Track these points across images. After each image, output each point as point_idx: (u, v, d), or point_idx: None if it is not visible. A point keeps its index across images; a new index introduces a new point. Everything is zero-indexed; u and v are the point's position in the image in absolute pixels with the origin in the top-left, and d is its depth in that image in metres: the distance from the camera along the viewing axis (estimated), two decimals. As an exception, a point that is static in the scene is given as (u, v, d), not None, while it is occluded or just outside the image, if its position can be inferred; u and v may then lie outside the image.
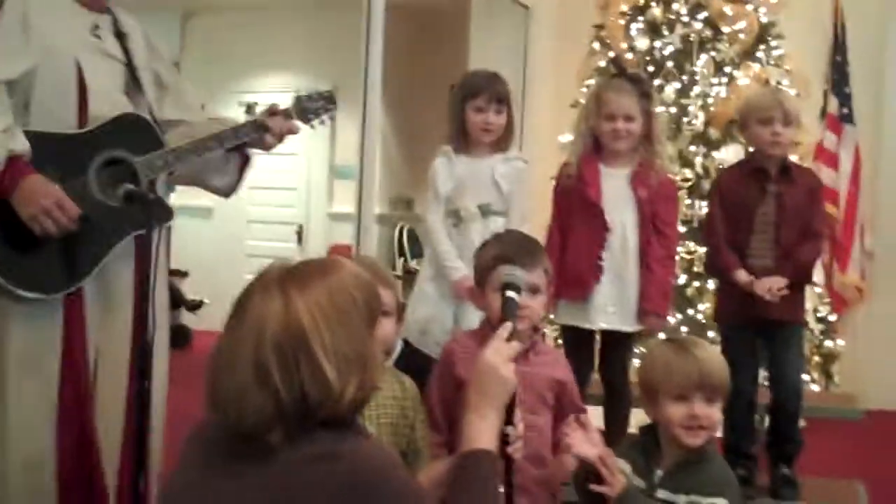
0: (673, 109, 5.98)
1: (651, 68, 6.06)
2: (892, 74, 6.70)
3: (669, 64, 6.09)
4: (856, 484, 3.63)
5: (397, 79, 7.40)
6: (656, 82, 5.94)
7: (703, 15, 6.08)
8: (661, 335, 5.17)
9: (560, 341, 4.07)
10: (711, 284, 5.78)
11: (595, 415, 3.73)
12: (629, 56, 6.16)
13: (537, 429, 2.61)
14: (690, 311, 5.74)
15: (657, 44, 6.15)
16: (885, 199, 6.50)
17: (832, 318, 6.05)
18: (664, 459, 2.33)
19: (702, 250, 5.79)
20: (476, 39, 7.26)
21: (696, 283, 5.81)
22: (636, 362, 4.86)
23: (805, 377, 3.91)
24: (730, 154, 5.95)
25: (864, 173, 6.37)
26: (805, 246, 3.56)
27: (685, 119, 6.00)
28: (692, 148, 5.99)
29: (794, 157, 4.06)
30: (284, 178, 9.41)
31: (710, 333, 5.65)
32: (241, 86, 9.50)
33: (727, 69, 6.06)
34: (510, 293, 2.13)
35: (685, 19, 6.10)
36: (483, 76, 3.75)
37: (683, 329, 5.65)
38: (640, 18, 6.22)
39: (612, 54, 6.18)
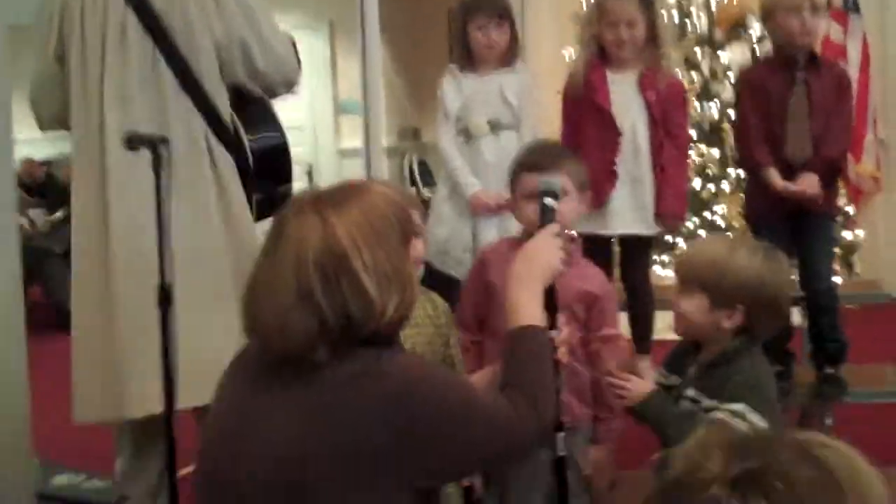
0: (675, 13, 5.92)
1: (650, -27, 5.98)
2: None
3: (669, -33, 6.01)
4: (885, 368, 3.66)
5: (395, 8, 7.33)
6: (657, -13, 5.87)
7: (702, -85, 5.98)
8: (679, 240, 5.24)
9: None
10: (727, 186, 5.79)
11: (620, 320, 3.78)
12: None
13: (577, 342, 2.60)
14: (707, 215, 5.74)
15: (655, -53, 6.06)
16: (893, 86, 6.44)
17: (850, 209, 6.02)
18: (700, 357, 2.33)
19: (714, 153, 5.80)
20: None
21: (711, 187, 5.80)
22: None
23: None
24: (736, 55, 5.91)
25: (873, 62, 6.29)
26: (831, 140, 3.46)
27: (688, 22, 5.94)
28: (697, 51, 5.93)
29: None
30: (290, 118, 9.32)
31: (729, 235, 5.67)
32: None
33: (727, -32, 5.98)
34: (547, 200, 2.14)
35: (685, -79, 6.00)
36: None
37: (701, 233, 5.66)
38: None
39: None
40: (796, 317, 3.56)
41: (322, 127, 9.31)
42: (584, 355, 2.69)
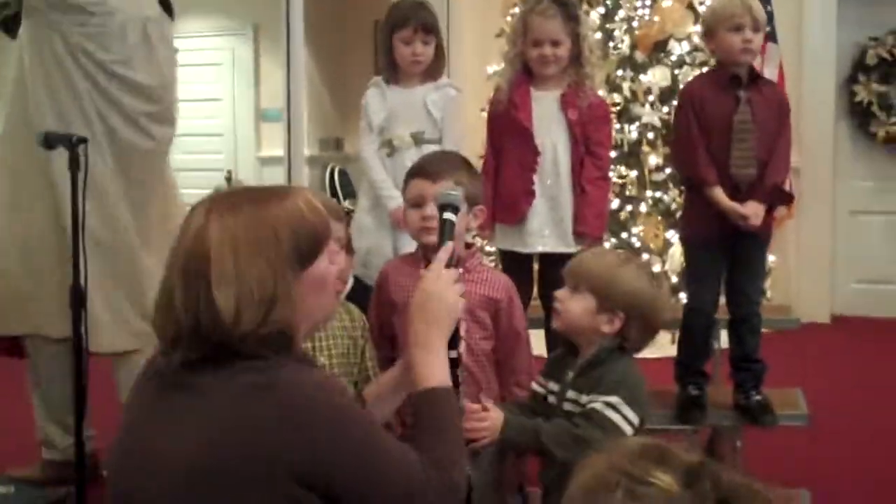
0: (598, 34, 5.97)
1: (575, -6, 6.04)
2: (812, -9, 6.79)
3: (593, -12, 6.08)
4: (795, 392, 3.72)
5: (319, 16, 7.30)
6: (582, 8, 5.92)
7: (624, -62, 6.06)
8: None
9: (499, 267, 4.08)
10: (644, 207, 5.87)
11: (537, 337, 3.79)
12: (553, -18, 6.12)
13: (472, 352, 2.62)
14: (624, 235, 5.81)
15: (580, -31, 6.13)
16: (807, 114, 6.61)
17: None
18: (577, 362, 2.43)
19: (633, 174, 5.87)
20: (398, -28, 7.16)
21: (629, 207, 5.87)
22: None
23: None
24: (657, 77, 6.00)
25: (788, 90, 6.44)
26: (776, 165, 3.44)
27: (611, 43, 6.01)
28: (619, 72, 6.01)
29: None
30: (210, 125, 9.28)
31: (645, 256, 5.75)
32: (160, 31, 9.28)
33: (650, -9, 6.07)
34: (447, 214, 2.05)
35: (607, -57, 6.08)
36: (409, 6, 3.70)
37: (618, 252, 5.72)
38: (563, -56, 6.18)
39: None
40: (720, 338, 3.60)
41: (243, 134, 9.20)
42: (492, 364, 2.69)
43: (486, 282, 2.71)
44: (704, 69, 5.87)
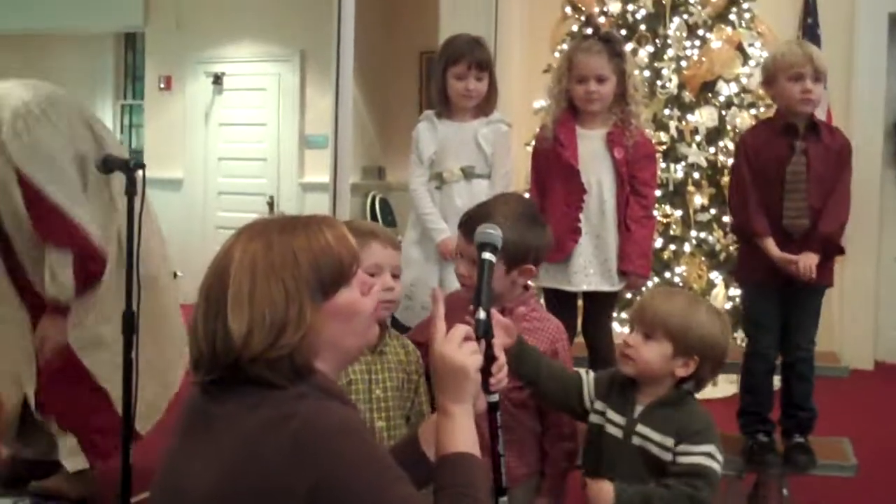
0: (647, 73, 5.98)
1: (624, 31, 6.05)
2: (862, 35, 6.76)
3: (642, 27, 6.08)
4: (843, 441, 3.67)
5: (367, 45, 7.34)
6: (629, 46, 5.93)
7: (675, -23, 6.07)
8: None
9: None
10: (688, 247, 5.83)
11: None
12: (602, 20, 6.14)
13: (514, 402, 2.56)
14: (667, 275, 5.77)
15: (630, 7, 6.13)
16: (855, 159, 6.52)
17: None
18: (642, 395, 2.41)
19: (678, 214, 5.84)
20: (446, 5, 7.20)
21: (673, 247, 5.84)
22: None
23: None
24: (703, 117, 5.97)
25: (836, 135, 6.40)
26: (829, 214, 3.39)
27: (659, 82, 6.00)
28: (666, 111, 5.99)
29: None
30: (254, 149, 9.35)
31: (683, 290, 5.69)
32: (208, 56, 9.40)
33: (700, 32, 6.06)
34: (485, 254, 1.94)
35: (657, -18, 6.09)
36: (464, 42, 3.72)
37: (660, 292, 5.68)
38: (613, -18, 6.20)
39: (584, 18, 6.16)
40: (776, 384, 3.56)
41: (286, 159, 9.25)
42: (530, 412, 2.65)
43: (533, 332, 2.63)
44: (752, 111, 5.87)
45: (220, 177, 9.48)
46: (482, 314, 1.83)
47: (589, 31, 5.78)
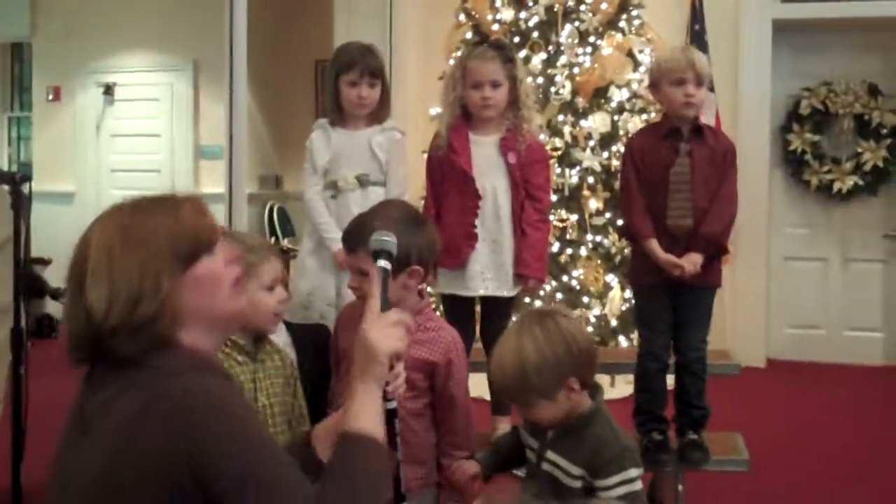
0: (540, 80, 6.05)
1: (517, 39, 6.12)
2: (747, 40, 6.95)
3: (535, 34, 6.16)
4: (735, 436, 3.75)
5: (261, 54, 7.29)
6: (522, 53, 6.00)
7: (566, -15, 6.15)
8: (538, 301, 5.30)
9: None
10: (584, 251, 5.91)
11: (478, 382, 3.77)
12: (495, 27, 6.20)
13: (409, 412, 2.56)
14: (564, 278, 5.84)
15: (522, 14, 6.21)
16: (742, 163, 6.66)
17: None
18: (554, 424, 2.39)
19: (573, 218, 5.92)
20: (340, 13, 7.20)
21: (569, 251, 5.91)
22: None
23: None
24: (597, 122, 6.07)
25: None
26: (714, 215, 3.46)
27: (552, 89, 6.08)
28: (560, 117, 6.07)
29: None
30: (148, 160, 9.18)
31: (585, 299, 5.78)
32: (98, 66, 9.19)
33: (591, 39, 6.16)
34: (381, 262, 1.98)
35: (549, -10, 6.16)
36: (356, 49, 3.70)
37: (559, 296, 5.75)
38: (505, -10, 6.26)
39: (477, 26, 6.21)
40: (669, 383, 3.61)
41: (181, 170, 9.10)
42: (425, 421, 2.65)
43: (427, 343, 2.63)
44: (644, 116, 5.99)
45: (112, 189, 9.26)
46: None
47: (477, 38, 5.82)
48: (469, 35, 6.25)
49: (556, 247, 5.81)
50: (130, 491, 1.51)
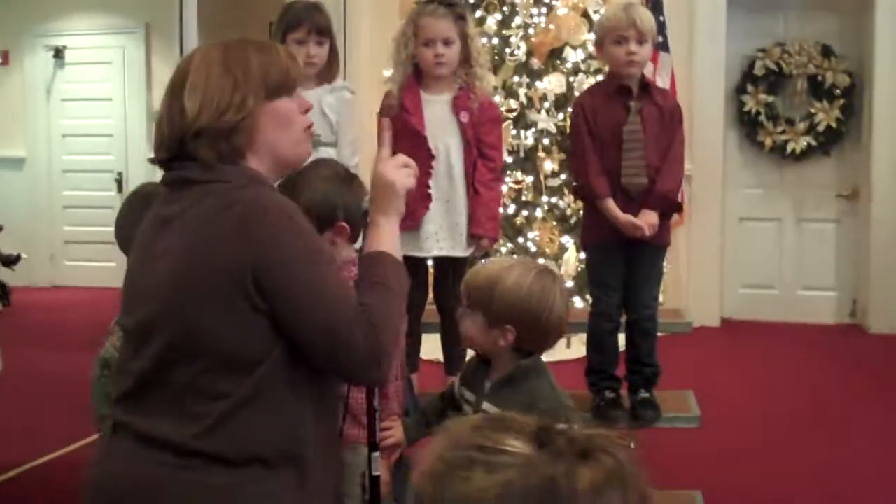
0: (495, 41, 6.02)
1: (472, -1, 6.08)
2: (702, 1, 6.95)
3: (490, -5, 6.12)
4: (687, 394, 3.78)
5: (213, 16, 7.17)
6: (478, 14, 5.96)
7: (520, -55, 6.11)
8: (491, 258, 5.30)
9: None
10: (539, 213, 5.92)
11: (432, 341, 3.77)
12: (449, -13, 6.14)
13: None
14: (520, 240, 5.85)
15: (477, -26, 6.16)
16: (697, 123, 6.74)
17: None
18: (492, 374, 2.39)
19: (529, 180, 5.92)
20: (293, -26, 7.09)
21: (525, 213, 5.91)
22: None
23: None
24: (552, 84, 6.06)
25: (679, 99, 6.55)
26: (667, 173, 3.46)
27: (507, 50, 6.05)
28: (515, 79, 6.05)
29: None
30: (100, 125, 9.05)
31: (540, 261, 5.78)
32: (47, 28, 9.04)
33: (546, -1, 6.13)
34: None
35: (503, -50, 6.12)
36: (302, 7, 3.66)
37: (514, 257, 5.75)
38: (459, -51, 6.20)
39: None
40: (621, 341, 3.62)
41: (134, 135, 8.98)
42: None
43: None
44: (599, 77, 5.98)
45: (64, 154, 9.15)
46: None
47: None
48: (423, -4, 6.18)
49: (511, 208, 5.81)
50: (201, 288, 1.76)
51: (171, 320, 1.79)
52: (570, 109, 5.92)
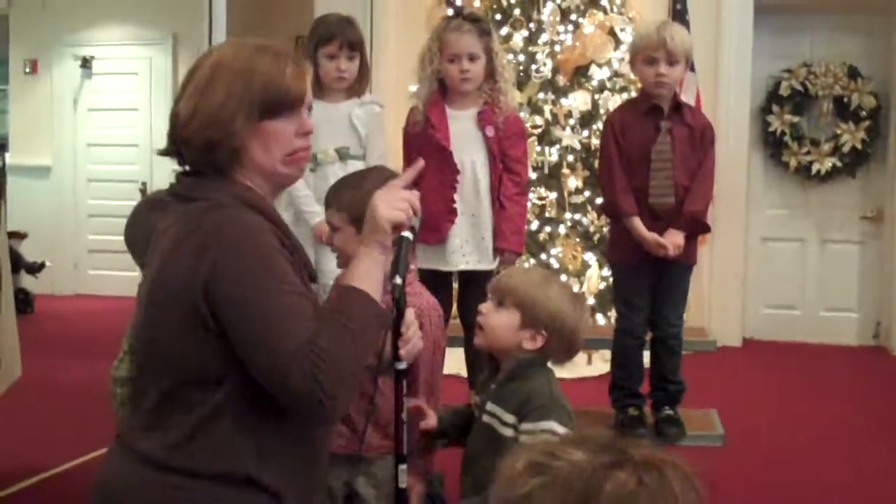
0: (521, 57, 6.04)
1: (498, 16, 6.10)
2: (729, 19, 6.94)
3: (517, 12, 6.14)
4: (711, 412, 3.77)
5: (240, 29, 7.22)
6: (504, 30, 5.99)
7: (548, -38, 6.13)
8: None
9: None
10: (563, 229, 5.92)
11: (457, 357, 3.77)
12: (476, 3, 6.17)
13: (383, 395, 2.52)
14: (543, 256, 5.85)
15: (504, -9, 6.18)
16: (722, 143, 6.69)
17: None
18: (500, 375, 2.41)
19: (552, 196, 5.92)
20: (321, -12, 7.14)
21: (548, 229, 5.91)
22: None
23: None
24: (577, 101, 6.06)
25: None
26: (695, 194, 3.47)
27: (533, 66, 6.07)
28: (541, 95, 6.06)
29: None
30: (126, 135, 9.10)
31: (563, 277, 5.78)
32: (76, 38, 9.10)
33: (573, 17, 6.14)
34: (404, 232, 1.96)
35: (531, -33, 6.14)
36: (335, 21, 3.69)
37: (536, 273, 5.76)
38: (487, -33, 6.23)
39: (458, 2, 6.18)
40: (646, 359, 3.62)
41: (159, 145, 8.95)
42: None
43: None
44: (625, 95, 5.99)
45: (90, 164, 9.21)
46: (398, 280, 1.94)
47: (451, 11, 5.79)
48: (451, 12, 6.20)
49: (534, 225, 5.82)
50: (163, 305, 1.76)
51: (142, 337, 1.85)
52: (594, 127, 5.96)
